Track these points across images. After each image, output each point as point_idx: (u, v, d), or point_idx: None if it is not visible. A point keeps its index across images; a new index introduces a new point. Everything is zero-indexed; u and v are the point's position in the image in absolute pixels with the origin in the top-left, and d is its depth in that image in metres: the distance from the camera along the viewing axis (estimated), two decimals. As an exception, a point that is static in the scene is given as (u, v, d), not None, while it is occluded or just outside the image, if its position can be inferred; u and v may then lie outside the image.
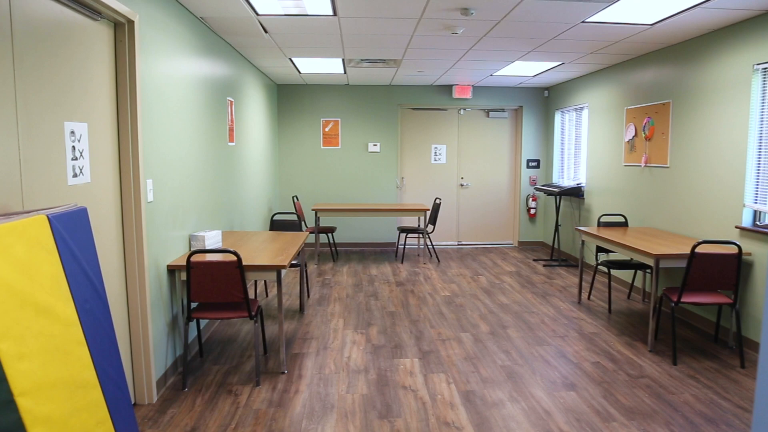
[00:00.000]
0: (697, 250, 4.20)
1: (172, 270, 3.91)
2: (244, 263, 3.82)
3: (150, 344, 3.51)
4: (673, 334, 4.30)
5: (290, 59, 6.48)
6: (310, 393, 3.74)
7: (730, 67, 4.71)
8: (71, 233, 2.14)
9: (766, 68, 4.41)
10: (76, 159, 2.80)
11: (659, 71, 5.77)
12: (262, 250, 4.40)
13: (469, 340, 4.80)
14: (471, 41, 5.46)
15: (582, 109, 7.95)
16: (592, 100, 7.39)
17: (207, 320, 4.86)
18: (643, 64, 6.09)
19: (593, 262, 7.35)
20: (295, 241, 4.91)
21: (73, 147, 2.77)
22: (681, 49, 5.40)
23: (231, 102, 5.70)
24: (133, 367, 3.51)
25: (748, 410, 3.51)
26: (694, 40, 5.20)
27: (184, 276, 3.88)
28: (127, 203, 3.33)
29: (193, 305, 4.24)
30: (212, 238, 4.37)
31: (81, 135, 2.84)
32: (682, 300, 4.27)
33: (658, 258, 4.39)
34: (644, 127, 6.03)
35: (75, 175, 2.79)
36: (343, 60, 6.54)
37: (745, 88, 4.55)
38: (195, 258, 3.77)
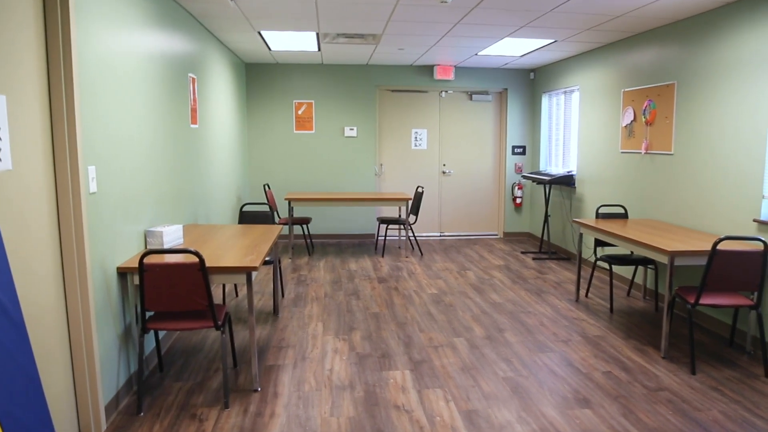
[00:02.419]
0: (718, 246, 3.78)
1: (123, 272, 3.32)
2: (208, 265, 3.26)
3: (96, 362, 2.94)
4: (691, 340, 3.88)
5: (259, 33, 5.85)
6: (287, 416, 3.21)
7: (749, 42, 4.27)
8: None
9: (793, 45, 3.99)
10: (-9, 141, 2.20)
11: (662, 50, 5.32)
12: (230, 247, 3.83)
13: (464, 347, 4.31)
14: (461, 13, 4.93)
15: (572, 91, 7.50)
16: (584, 81, 6.93)
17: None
18: (642, 42, 5.64)
19: (586, 256, 6.95)
20: (267, 235, 4.34)
21: (-14, 125, 2.17)
22: (688, 25, 4.96)
23: (193, 79, 5.07)
24: (76, 391, 2.93)
25: (786, 429, 3.11)
26: (705, 14, 4.75)
27: (137, 279, 3.30)
28: (63, 195, 2.73)
29: (150, 313, 3.65)
30: (172, 234, 3.78)
31: (-3, 110, 2.23)
32: (700, 302, 3.85)
33: (673, 255, 3.95)
34: (644, 110, 5.59)
35: (-11, 162, 2.19)
36: (317, 34, 5.94)
37: (766, 65, 4.12)
38: (149, 259, 3.19)
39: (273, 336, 4.51)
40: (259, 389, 3.54)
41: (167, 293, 3.11)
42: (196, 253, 3.05)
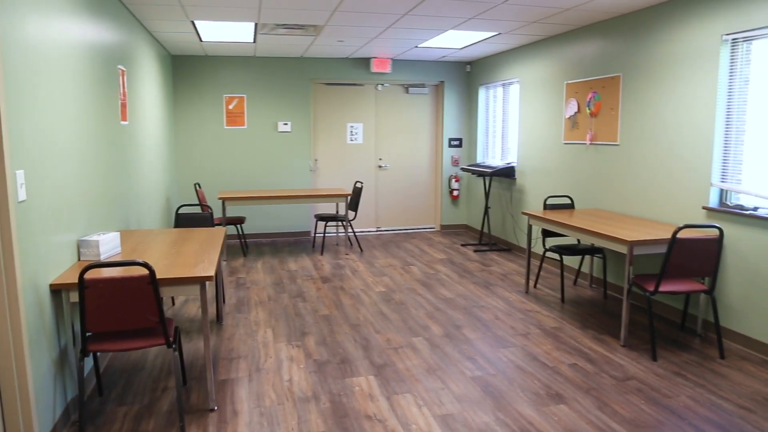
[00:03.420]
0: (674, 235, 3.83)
1: (57, 290, 2.93)
2: (157, 276, 2.93)
3: (30, 391, 2.56)
4: (651, 328, 3.92)
5: (192, 22, 5.45)
6: (253, 437, 2.95)
7: (695, 37, 4.37)
8: None
9: (736, 39, 4.10)
10: None
11: (606, 43, 5.39)
12: (175, 255, 3.49)
13: (424, 347, 4.17)
14: (411, 3, 4.76)
15: (511, 84, 7.53)
16: (524, 74, 6.96)
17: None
18: (586, 35, 5.70)
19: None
20: (213, 240, 4.02)
21: None
22: (634, 19, 5.03)
23: (122, 72, 4.63)
24: (5, 427, 2.55)
25: (753, 410, 3.16)
26: (649, 9, 4.83)
27: (74, 297, 2.92)
28: (-13, 204, 2.34)
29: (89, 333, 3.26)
30: (108, 243, 3.39)
31: None
32: (659, 290, 3.89)
33: (632, 244, 3.98)
34: (589, 102, 5.65)
35: None
36: (256, 25, 5.60)
37: (712, 60, 4.22)
38: (91, 274, 2.82)
39: (220, 347, 4.19)
40: (216, 408, 3.24)
41: (112, 311, 2.76)
42: (146, 265, 2.72)
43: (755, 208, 3.99)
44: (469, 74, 8.65)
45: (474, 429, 3.01)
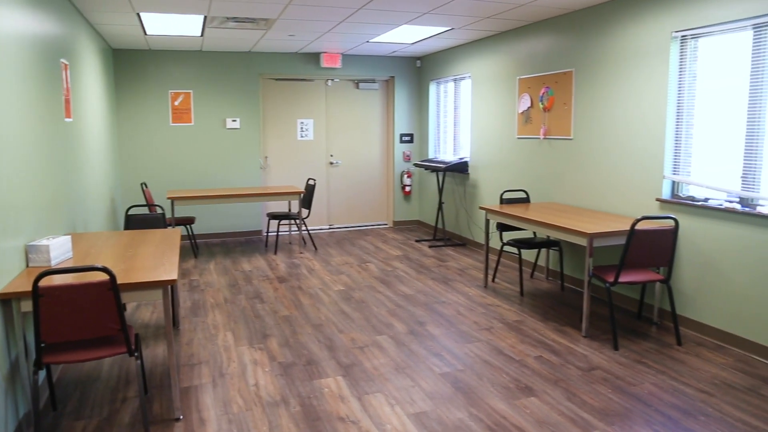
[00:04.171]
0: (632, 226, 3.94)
1: (6, 299, 2.72)
2: (118, 281, 2.77)
3: (-20, 412, 2.37)
4: (612, 318, 4.01)
5: (138, 15, 5.20)
6: (224, 446, 2.83)
7: (646, 34, 4.49)
8: None
9: (685, 36, 4.23)
10: None
11: (559, 38, 5.48)
12: (131, 258, 3.32)
13: (390, 345, 4.13)
14: (367, -3, 4.70)
15: (463, 79, 7.57)
16: (475, 69, 7.01)
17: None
18: (538, 30, 5.78)
19: (481, 241, 7.06)
20: (169, 241, 3.85)
21: None
22: (586, 15, 5.13)
23: (66, 66, 4.36)
24: (-46, 451, 2.35)
25: (712, 394, 3.28)
26: (604, 5, 4.93)
27: (26, 306, 2.72)
28: (-72, 208, 2.14)
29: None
30: (59, 248, 3.19)
31: None
32: (618, 280, 3.99)
33: (592, 237, 4.06)
34: (542, 97, 5.74)
35: None
36: (205, 18, 5.40)
37: (662, 56, 4.35)
38: (45, 282, 2.63)
39: (180, 352, 4.02)
40: (182, 417, 3.10)
41: (70, 320, 2.58)
42: (105, 270, 2.56)
43: (706, 199, 4.14)
44: (420, 69, 8.66)
45: (449, 426, 2.99)
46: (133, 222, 4.79)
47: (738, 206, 3.89)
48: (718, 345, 4.04)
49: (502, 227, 5.45)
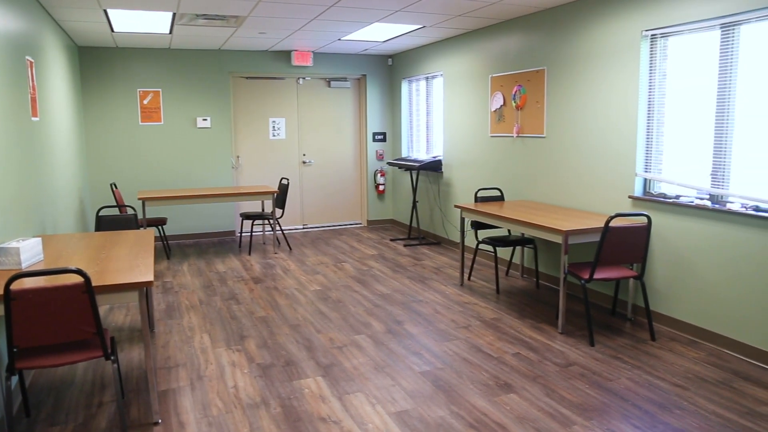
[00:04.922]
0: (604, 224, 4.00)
1: (-26, 305, 2.63)
2: (93, 283, 2.70)
3: (-51, 423, 2.28)
4: (588, 314, 4.07)
5: (105, 11, 5.07)
6: (204, 451, 2.79)
7: (617, 32, 4.56)
8: None
9: (654, 34, 4.31)
10: None
11: (531, 37, 5.53)
12: (105, 260, 3.24)
13: (368, 344, 4.12)
14: (341, -5, 4.67)
15: (435, 77, 7.59)
16: (447, 67, 7.04)
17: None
18: (510, 29, 5.82)
19: (456, 239, 7.10)
20: (142, 242, 3.77)
21: None
22: (557, 13, 5.19)
23: (31, 63, 4.23)
24: None
25: (686, 388, 3.35)
26: (575, 3, 5.00)
27: (0, 310, 2.63)
28: None
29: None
30: (30, 250, 3.09)
31: None
32: (593, 277, 4.05)
33: (567, 234, 4.11)
34: (514, 95, 5.79)
35: None
36: (174, 15, 5.30)
37: (633, 54, 4.42)
38: (17, 285, 2.55)
39: (155, 355, 3.95)
40: (160, 421, 3.04)
41: (44, 324, 2.51)
42: (80, 272, 2.49)
43: (677, 197, 4.23)
44: (392, 68, 8.66)
45: (431, 424, 2.99)
46: (104, 223, 4.69)
47: (708, 203, 3.98)
48: (690, 340, 4.13)
49: (477, 225, 5.48)
